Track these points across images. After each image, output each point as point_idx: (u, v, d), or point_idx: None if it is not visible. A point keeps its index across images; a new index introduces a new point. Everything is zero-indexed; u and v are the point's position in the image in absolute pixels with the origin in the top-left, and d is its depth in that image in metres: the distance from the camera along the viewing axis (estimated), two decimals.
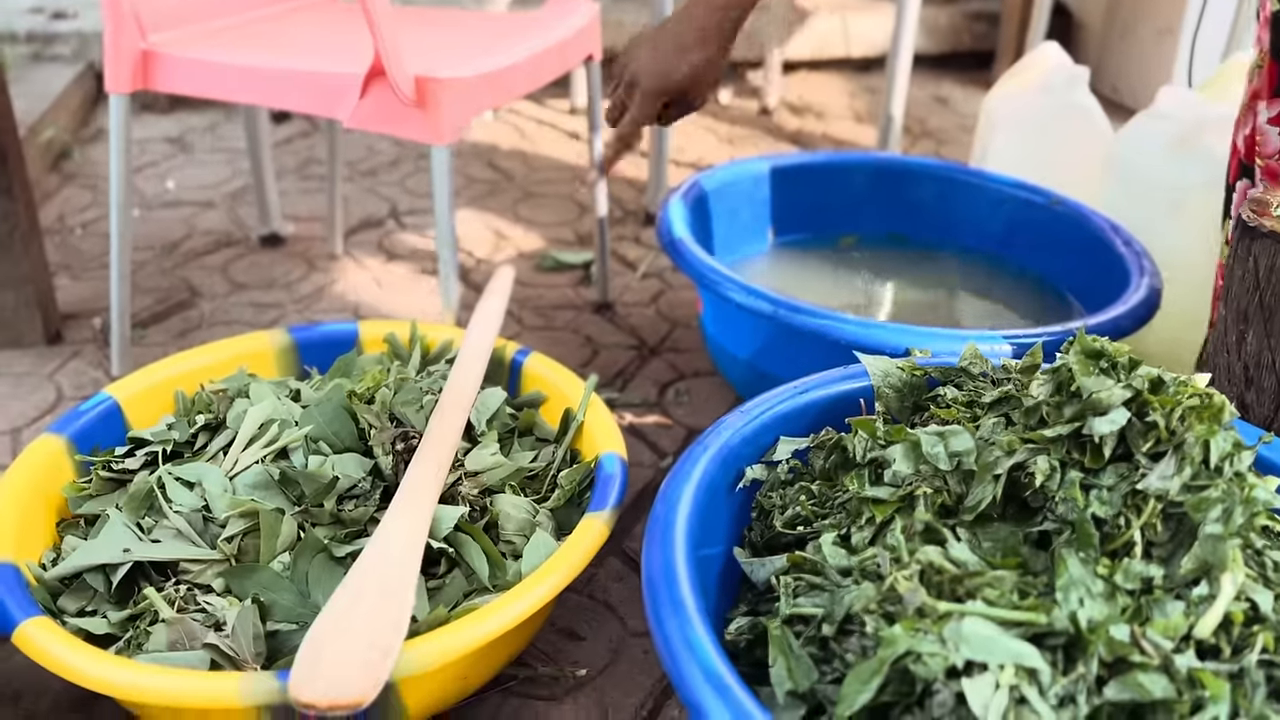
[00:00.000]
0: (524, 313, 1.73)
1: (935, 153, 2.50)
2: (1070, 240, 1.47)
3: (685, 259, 1.31)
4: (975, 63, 2.96)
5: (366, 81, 1.17)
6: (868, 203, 1.65)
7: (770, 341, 1.28)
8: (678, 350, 1.64)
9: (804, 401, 1.02)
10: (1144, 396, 0.85)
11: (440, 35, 1.39)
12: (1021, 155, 1.61)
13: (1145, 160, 1.46)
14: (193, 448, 1.05)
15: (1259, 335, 0.97)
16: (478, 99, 1.21)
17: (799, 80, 2.98)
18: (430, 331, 1.24)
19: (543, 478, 1.07)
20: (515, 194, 2.23)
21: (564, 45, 1.43)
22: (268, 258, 1.89)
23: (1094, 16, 2.84)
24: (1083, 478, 0.84)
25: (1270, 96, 1.05)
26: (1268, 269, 0.95)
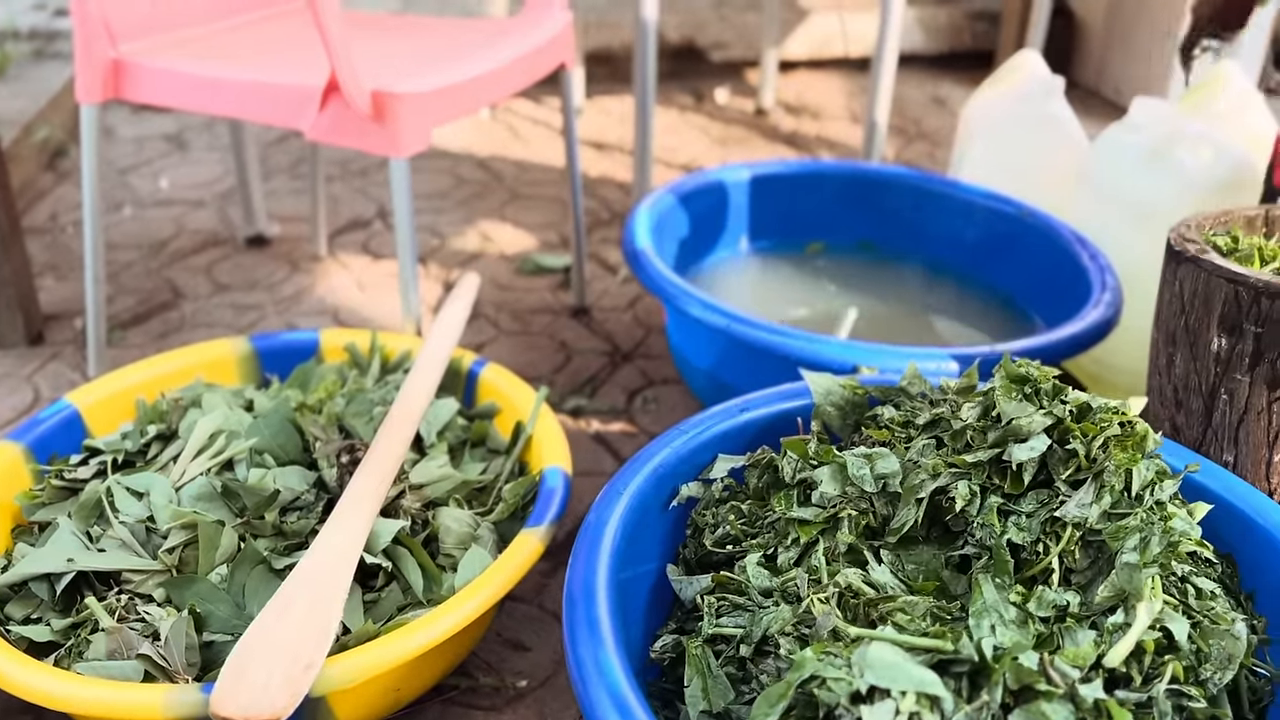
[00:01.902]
0: (501, 316, 1.74)
1: (930, 155, 2.49)
2: (1037, 252, 1.47)
3: (645, 271, 1.32)
4: (975, 62, 2.94)
5: (325, 95, 1.18)
6: (838, 211, 1.65)
7: (727, 354, 1.29)
8: (650, 356, 1.65)
9: (744, 420, 1.03)
10: (1066, 424, 0.86)
11: (405, 45, 1.41)
12: (997, 164, 1.60)
13: (1116, 172, 1.45)
14: (145, 457, 1.07)
15: (1186, 359, 0.97)
16: (438, 112, 1.22)
17: (797, 79, 2.97)
18: (390, 341, 1.25)
19: (490, 490, 1.08)
20: (504, 195, 2.24)
21: (535, 54, 1.44)
22: (252, 259, 1.91)
23: (1095, 17, 2.82)
24: (1002, 503, 0.85)
25: None
26: (1192, 294, 0.94)
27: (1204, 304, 0.94)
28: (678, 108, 2.80)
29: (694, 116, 2.74)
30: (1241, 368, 0.93)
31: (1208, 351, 0.95)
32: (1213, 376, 0.96)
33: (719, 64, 2.96)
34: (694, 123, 2.70)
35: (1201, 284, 0.94)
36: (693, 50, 2.93)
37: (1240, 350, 0.93)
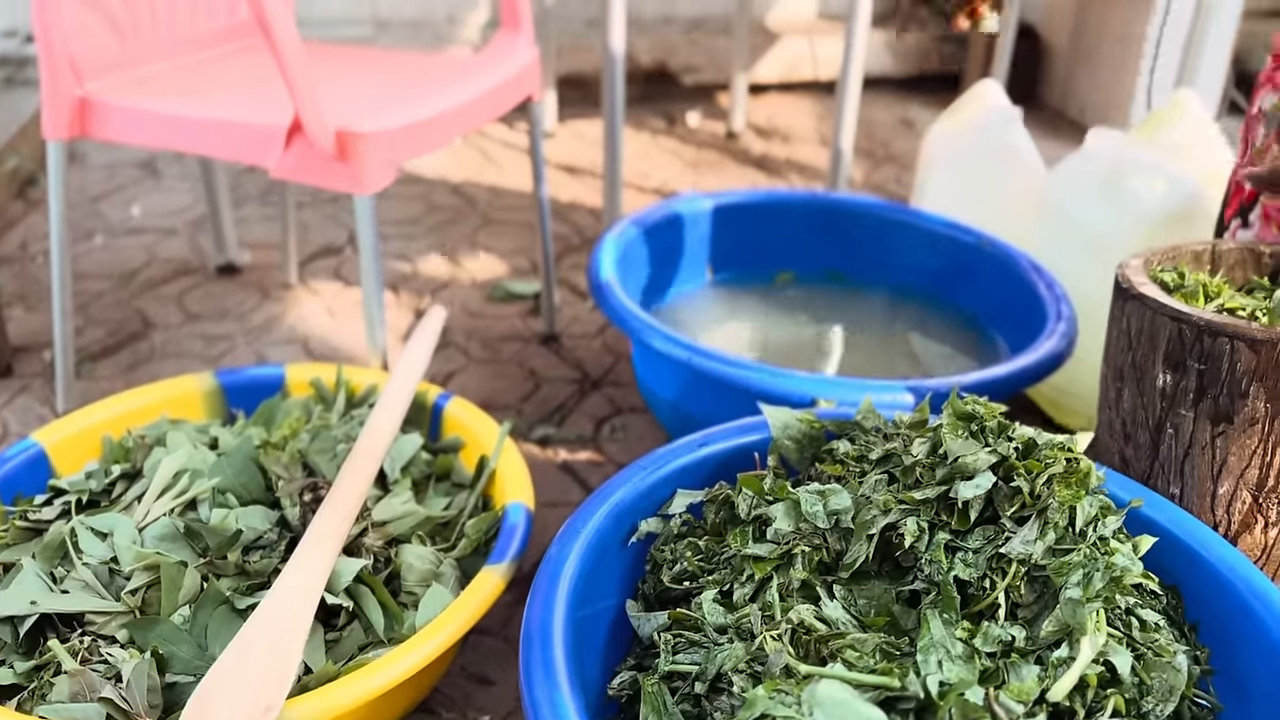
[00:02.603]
0: (470, 345, 1.76)
1: (898, 178, 2.52)
2: (997, 281, 1.50)
3: (610, 304, 1.33)
4: (943, 85, 2.98)
5: (290, 133, 1.19)
6: (804, 241, 1.68)
7: (690, 386, 1.31)
8: (618, 384, 1.66)
9: (703, 455, 1.04)
10: (1011, 461, 0.88)
11: (371, 79, 1.42)
12: (957, 193, 1.63)
13: (1073, 202, 1.48)
14: (110, 496, 1.08)
15: (1133, 393, 0.99)
16: (402, 149, 1.24)
17: (768, 102, 3.00)
18: (356, 375, 1.26)
19: (454, 525, 1.09)
20: (476, 221, 2.25)
21: (501, 88, 1.46)
22: (222, 287, 1.92)
23: (1060, 40, 2.86)
24: (949, 540, 0.87)
25: None
26: (1138, 330, 0.97)
27: (1149, 341, 0.97)
28: (650, 131, 2.82)
29: (666, 140, 2.76)
30: (1186, 403, 0.96)
31: (1154, 387, 0.98)
32: (1159, 411, 0.98)
33: (691, 87, 2.99)
34: (666, 146, 2.72)
35: (1147, 321, 0.97)
36: (665, 74, 2.96)
37: (1184, 386, 0.95)
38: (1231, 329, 0.91)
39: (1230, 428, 0.94)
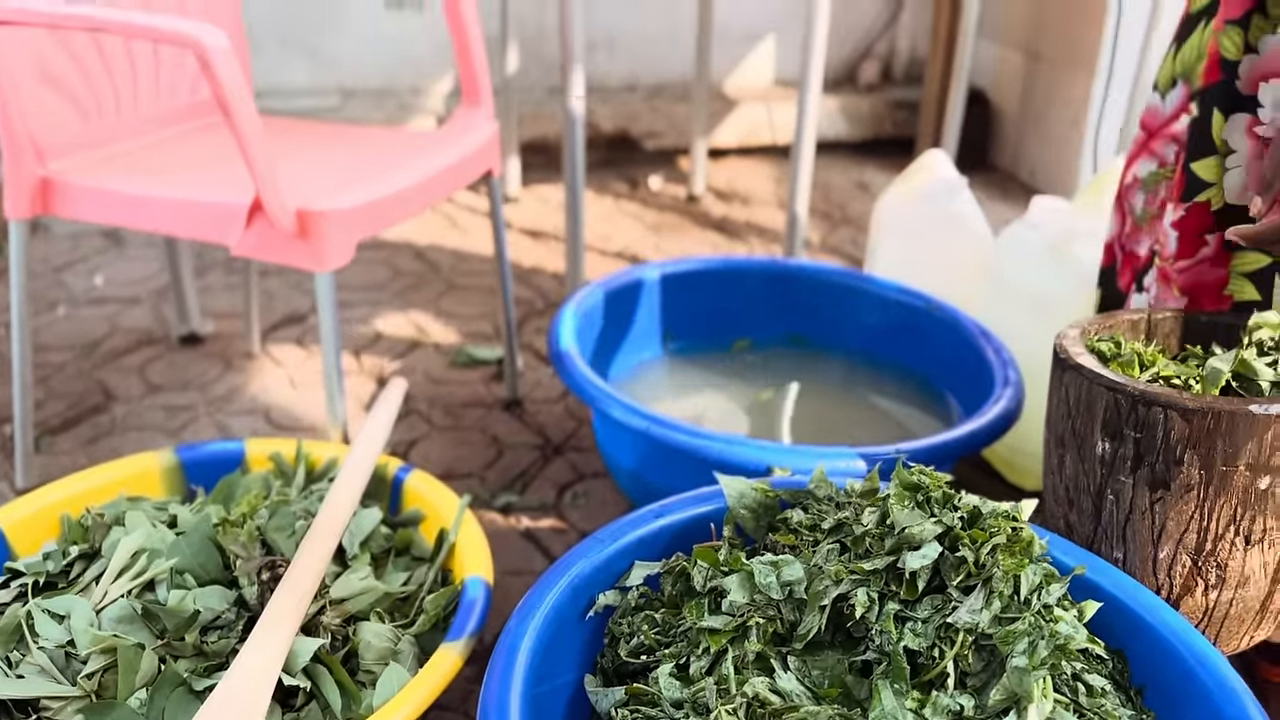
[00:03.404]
0: (433, 412, 1.77)
1: (854, 240, 2.58)
2: (946, 345, 1.54)
3: (570, 374, 1.36)
4: (897, 149, 3.05)
5: (251, 213, 1.22)
6: (761, 307, 1.71)
7: (650, 454, 1.32)
8: (581, 449, 1.68)
9: (661, 525, 1.06)
10: (956, 531, 0.90)
11: (332, 156, 1.45)
12: (907, 259, 1.68)
13: (1018, 268, 1.53)
14: (68, 577, 1.08)
15: (1074, 460, 1.02)
16: (361, 227, 1.26)
17: (728, 166, 3.06)
18: (316, 449, 1.27)
19: (413, 600, 1.10)
20: (440, 286, 2.28)
21: (461, 163, 1.49)
22: (185, 357, 1.92)
23: (1010, 104, 2.95)
24: (899, 610, 0.89)
25: (1178, 201, 1.12)
26: (1076, 399, 1.00)
27: (1087, 410, 1.00)
28: (612, 195, 2.87)
29: (628, 204, 2.81)
30: (1124, 470, 0.99)
31: (1094, 454, 1.01)
32: (1099, 478, 1.01)
33: (652, 152, 3.05)
34: (628, 210, 2.77)
35: (1084, 391, 1.00)
36: (627, 139, 3.02)
37: (1122, 454, 0.98)
38: (1164, 399, 0.95)
39: (1167, 494, 0.97)
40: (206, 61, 1.07)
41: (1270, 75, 1.04)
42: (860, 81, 3.20)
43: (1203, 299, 1.14)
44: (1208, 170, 1.09)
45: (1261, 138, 1.06)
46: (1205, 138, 1.08)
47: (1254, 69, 1.05)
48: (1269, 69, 1.04)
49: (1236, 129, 1.07)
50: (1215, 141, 1.08)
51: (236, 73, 1.10)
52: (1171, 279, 1.14)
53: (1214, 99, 1.07)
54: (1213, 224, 1.10)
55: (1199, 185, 1.09)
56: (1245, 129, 1.06)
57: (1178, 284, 1.14)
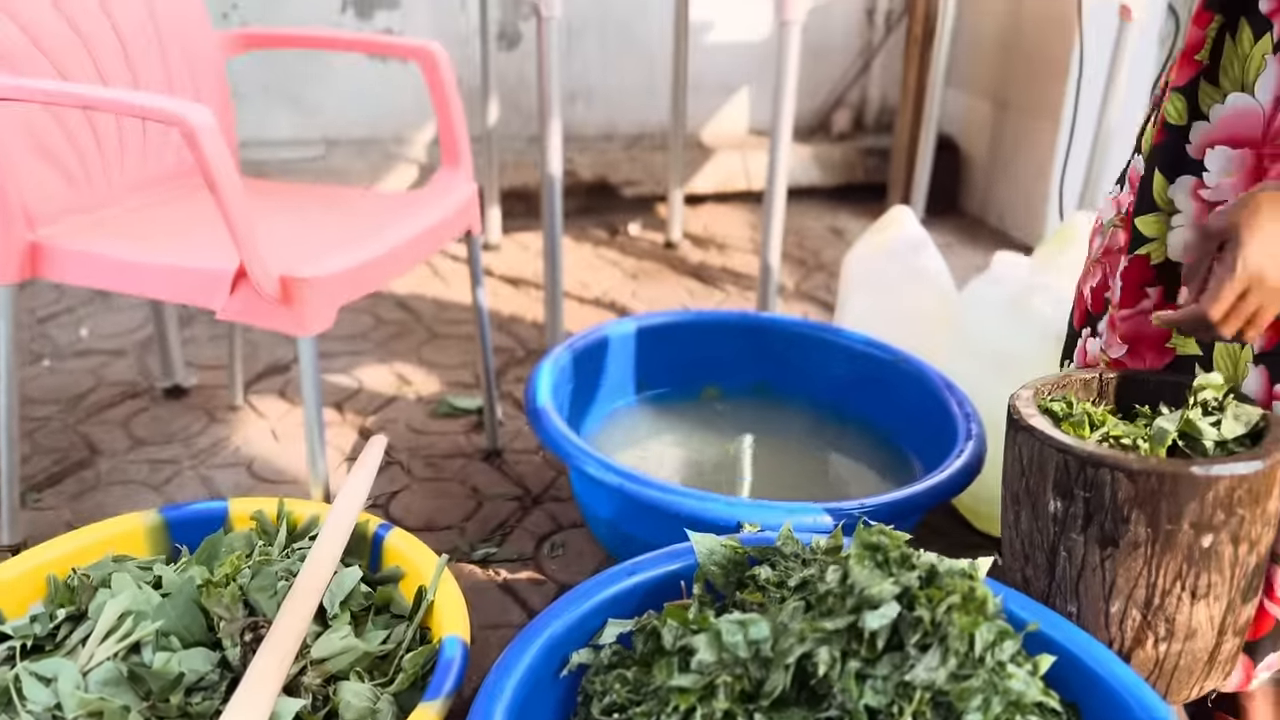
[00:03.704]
0: (414, 463, 1.80)
1: (827, 285, 2.63)
2: (911, 397, 1.58)
3: (546, 430, 1.39)
4: (870, 194, 3.12)
5: (235, 279, 1.25)
6: (732, 357, 1.76)
7: (625, 508, 1.36)
8: (560, 499, 1.71)
9: (634, 583, 1.09)
10: (913, 591, 0.94)
11: (315, 220, 1.49)
12: (875, 313, 1.73)
13: (980, 322, 1.58)
14: (55, 640, 1.10)
15: (1029, 517, 1.07)
16: (344, 292, 1.30)
17: (705, 212, 3.12)
18: (297, 507, 1.30)
19: (392, 659, 1.13)
20: (422, 335, 2.31)
21: (441, 225, 1.53)
22: (169, 410, 1.95)
23: (979, 152, 3.03)
24: (860, 668, 0.92)
25: (1126, 252, 1.17)
26: (1029, 459, 1.05)
27: (1039, 469, 1.05)
28: (592, 242, 2.92)
29: (607, 251, 2.86)
30: (1075, 528, 1.03)
31: (1046, 512, 1.05)
32: (1052, 535, 1.06)
33: (631, 199, 3.11)
34: (607, 257, 2.82)
35: (1036, 451, 1.05)
36: (606, 186, 3.08)
37: (1073, 512, 1.03)
38: (1111, 460, 0.99)
39: (1116, 551, 1.01)
40: (193, 139, 1.11)
41: (1217, 142, 1.09)
42: (833, 130, 3.28)
43: (1145, 350, 1.19)
44: (1148, 226, 1.15)
45: (1206, 200, 1.11)
46: (1147, 195, 1.14)
47: (1204, 135, 1.10)
48: (1216, 137, 1.09)
49: (1182, 190, 1.12)
50: (1156, 199, 1.13)
51: (221, 149, 1.14)
52: (1115, 326, 1.19)
53: (1156, 159, 1.13)
54: (1152, 277, 1.16)
55: (1141, 239, 1.15)
56: (1191, 191, 1.12)
57: (1119, 332, 1.19)
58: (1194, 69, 1.09)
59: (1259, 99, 1.06)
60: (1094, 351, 1.24)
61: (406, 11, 2.91)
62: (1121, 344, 1.19)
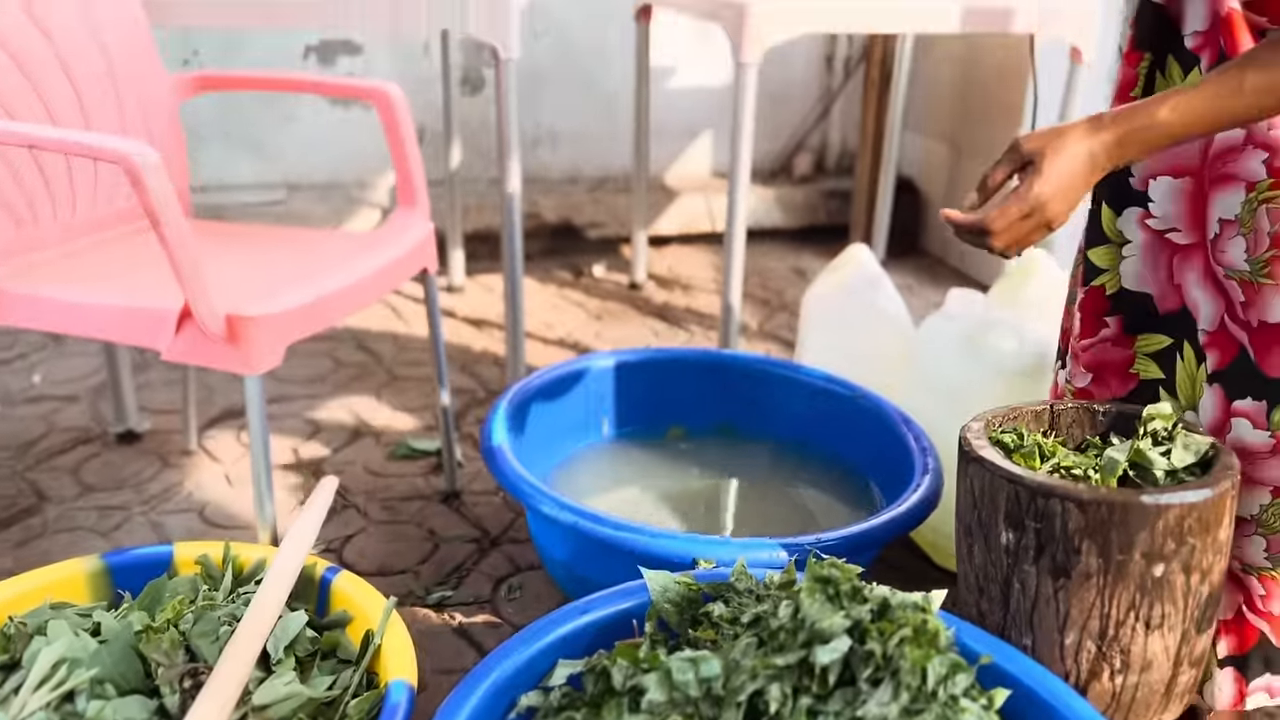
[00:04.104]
0: (370, 506, 1.77)
1: (790, 325, 2.64)
2: (871, 432, 1.58)
3: (501, 469, 1.38)
4: (832, 235, 3.15)
5: (181, 318, 1.24)
6: (695, 396, 1.75)
7: (581, 548, 1.34)
8: (518, 540, 1.69)
9: (585, 622, 1.07)
10: (865, 625, 0.93)
11: (266, 259, 1.48)
12: (834, 349, 1.73)
13: (937, 357, 1.59)
14: None
15: (982, 549, 1.06)
16: (293, 330, 1.29)
17: (669, 254, 3.14)
18: (244, 551, 1.27)
19: (337, 705, 1.10)
20: (382, 377, 2.29)
21: (396, 264, 1.52)
22: (121, 455, 1.91)
23: (937, 192, 3.07)
24: (811, 704, 0.91)
25: (1081, 285, 1.18)
26: (981, 491, 1.04)
27: (991, 501, 1.04)
28: (556, 284, 2.92)
29: (572, 292, 2.86)
30: (1028, 559, 1.03)
31: (999, 544, 1.05)
32: (1005, 567, 1.05)
33: (595, 241, 3.12)
34: (572, 298, 2.82)
35: (988, 483, 1.04)
36: (570, 229, 3.08)
37: (1025, 544, 1.02)
38: (1061, 490, 0.99)
39: (1069, 582, 1.01)
40: (136, 177, 1.10)
41: (1159, 173, 1.12)
42: (795, 173, 3.32)
43: (1109, 377, 1.21)
44: (1100, 257, 1.16)
45: (1153, 229, 1.13)
46: (1097, 228, 1.16)
47: (1145, 168, 1.13)
48: (1157, 168, 1.12)
49: (1130, 221, 1.15)
50: (1106, 231, 1.15)
51: (166, 187, 1.13)
52: (1078, 357, 1.20)
53: (1103, 193, 1.15)
54: (1109, 307, 1.17)
55: (1095, 271, 1.16)
56: (1138, 221, 1.14)
57: (1082, 361, 1.20)
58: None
59: None
60: (1062, 382, 1.25)
61: (369, 58, 2.92)
62: (1085, 373, 1.20)
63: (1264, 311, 1.06)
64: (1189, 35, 1.08)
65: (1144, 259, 1.15)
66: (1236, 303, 1.08)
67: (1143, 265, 1.15)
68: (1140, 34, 1.09)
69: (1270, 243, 1.05)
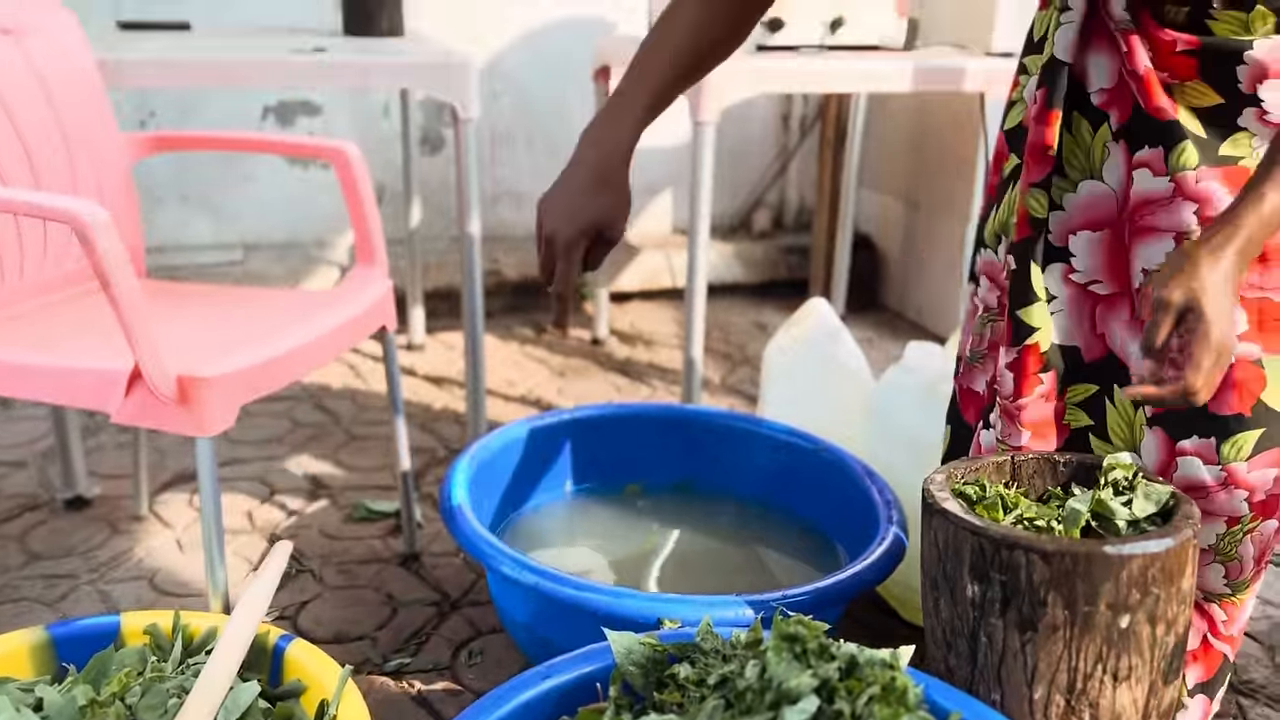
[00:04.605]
0: (326, 570, 1.73)
1: (752, 379, 2.65)
2: (834, 486, 1.58)
3: (460, 529, 1.35)
4: (792, 290, 3.17)
5: (131, 380, 1.21)
6: (658, 451, 1.74)
7: (543, 609, 1.32)
8: (479, 603, 1.66)
9: (547, 688, 1.05)
10: (832, 683, 0.91)
11: (220, 318, 1.46)
12: (795, 403, 1.73)
13: (897, 409, 1.59)
14: None
15: (948, 603, 1.05)
16: (246, 390, 1.26)
17: (631, 309, 3.14)
18: (194, 620, 1.23)
19: None
20: (340, 438, 2.26)
21: (353, 323, 1.51)
22: (69, 522, 1.86)
23: (894, 249, 3.11)
24: None
25: (1009, 344, 1.19)
26: (945, 544, 1.04)
27: (955, 554, 1.04)
28: (518, 340, 2.91)
29: (534, 349, 2.85)
30: (994, 612, 1.02)
31: (965, 597, 1.04)
32: (972, 620, 1.04)
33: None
34: (534, 355, 2.81)
35: (951, 535, 1.04)
36: (532, 285, 3.08)
37: (991, 596, 1.01)
38: (1025, 542, 0.99)
39: (1035, 635, 1.00)
40: (85, 236, 1.08)
41: (1078, 228, 1.15)
42: (754, 229, 3.35)
43: (1045, 431, 1.21)
44: (1031, 316, 1.17)
45: (1077, 283, 1.15)
46: (1025, 287, 1.17)
47: (1063, 224, 1.15)
48: (1076, 223, 1.15)
49: (1054, 277, 1.17)
50: (1036, 290, 1.16)
51: (116, 246, 1.11)
52: (1015, 416, 1.20)
53: (1028, 252, 1.16)
54: (1044, 363, 1.18)
55: (1026, 330, 1.17)
56: (1062, 277, 1.17)
57: (1020, 420, 1.20)
58: (1048, 165, 1.14)
59: (1108, 183, 1.12)
60: (990, 444, 1.25)
61: (328, 118, 2.93)
62: (1022, 431, 1.21)
63: None
64: (1095, 93, 1.11)
65: (1069, 313, 1.17)
66: None
67: (1069, 319, 1.17)
68: (1052, 94, 1.12)
69: None
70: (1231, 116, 1.05)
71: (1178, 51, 1.06)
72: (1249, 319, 1.08)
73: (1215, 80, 1.06)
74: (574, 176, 1.15)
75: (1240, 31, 1.04)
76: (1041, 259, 1.16)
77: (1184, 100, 1.08)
